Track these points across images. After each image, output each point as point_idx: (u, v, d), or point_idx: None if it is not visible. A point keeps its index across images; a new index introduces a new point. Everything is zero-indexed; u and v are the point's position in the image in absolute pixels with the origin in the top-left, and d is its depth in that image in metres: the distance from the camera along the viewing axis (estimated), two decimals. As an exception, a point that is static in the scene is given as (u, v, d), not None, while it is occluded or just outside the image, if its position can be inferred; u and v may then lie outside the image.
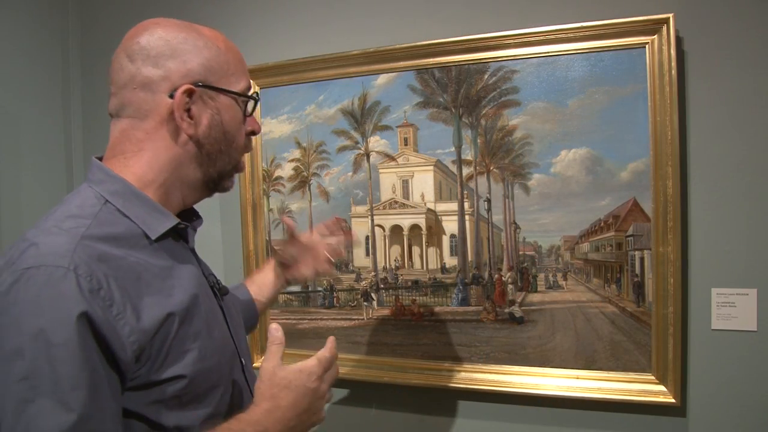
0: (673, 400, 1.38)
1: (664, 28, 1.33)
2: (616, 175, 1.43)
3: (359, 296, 1.72)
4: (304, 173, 1.77)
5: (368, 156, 1.69)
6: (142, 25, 0.89)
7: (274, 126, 1.78)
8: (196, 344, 0.84)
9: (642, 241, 1.42)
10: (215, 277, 1.01)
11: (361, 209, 1.72)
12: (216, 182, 0.95)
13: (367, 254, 1.72)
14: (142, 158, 0.88)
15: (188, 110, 0.87)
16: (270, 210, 1.81)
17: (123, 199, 0.86)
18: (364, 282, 1.73)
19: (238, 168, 0.97)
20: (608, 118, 1.42)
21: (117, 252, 0.80)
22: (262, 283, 1.33)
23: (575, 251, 1.50)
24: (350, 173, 1.71)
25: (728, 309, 1.37)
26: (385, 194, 1.69)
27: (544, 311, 1.52)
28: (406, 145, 1.65)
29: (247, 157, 1.77)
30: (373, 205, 1.70)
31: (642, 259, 1.43)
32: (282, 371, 0.89)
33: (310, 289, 1.78)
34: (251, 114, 0.96)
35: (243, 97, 0.93)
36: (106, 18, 2.03)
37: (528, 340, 1.53)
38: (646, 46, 1.37)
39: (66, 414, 0.70)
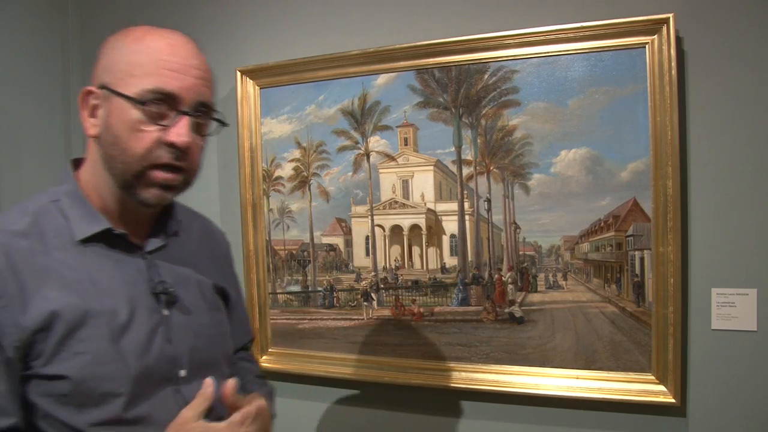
0: (673, 400, 1.38)
1: (664, 28, 1.34)
2: (616, 175, 1.43)
3: (359, 296, 1.72)
4: (304, 173, 1.77)
5: (368, 156, 1.69)
6: None
7: (274, 126, 1.78)
8: (91, 348, 0.84)
9: (642, 241, 1.42)
10: (166, 284, 0.94)
11: (361, 209, 1.72)
12: (126, 190, 0.88)
13: (367, 254, 1.72)
14: (86, 160, 0.94)
15: (95, 111, 0.89)
16: (270, 210, 1.81)
17: (70, 200, 0.92)
18: (364, 282, 1.73)
19: (144, 180, 0.86)
20: (608, 118, 1.42)
21: (34, 247, 0.86)
22: None
23: (575, 251, 1.50)
24: (350, 173, 1.71)
25: (728, 309, 1.37)
26: (385, 194, 1.69)
27: (544, 311, 1.52)
28: (406, 145, 1.65)
29: (247, 156, 1.79)
30: (373, 205, 1.70)
31: (642, 259, 1.43)
32: (194, 425, 0.86)
33: (309, 289, 1.79)
34: (156, 117, 0.85)
35: (129, 99, 0.84)
36: (106, 18, 2.03)
37: (528, 340, 1.52)
38: (646, 46, 1.37)
39: None
